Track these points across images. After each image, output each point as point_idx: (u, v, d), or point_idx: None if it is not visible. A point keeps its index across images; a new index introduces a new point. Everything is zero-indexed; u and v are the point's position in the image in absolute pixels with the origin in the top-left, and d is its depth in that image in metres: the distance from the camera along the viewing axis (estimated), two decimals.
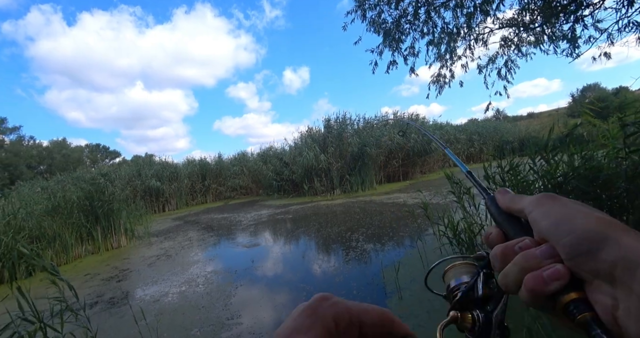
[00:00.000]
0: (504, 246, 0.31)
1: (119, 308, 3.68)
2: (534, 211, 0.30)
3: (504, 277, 0.29)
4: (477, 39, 5.04)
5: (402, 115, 15.39)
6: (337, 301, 0.27)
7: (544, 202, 0.30)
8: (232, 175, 15.79)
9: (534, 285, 0.26)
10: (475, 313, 0.35)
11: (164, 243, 6.90)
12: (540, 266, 0.27)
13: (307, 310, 0.26)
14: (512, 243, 0.30)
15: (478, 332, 0.34)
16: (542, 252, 0.27)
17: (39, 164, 31.54)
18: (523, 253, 0.28)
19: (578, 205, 0.28)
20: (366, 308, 0.27)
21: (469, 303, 0.35)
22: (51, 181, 13.74)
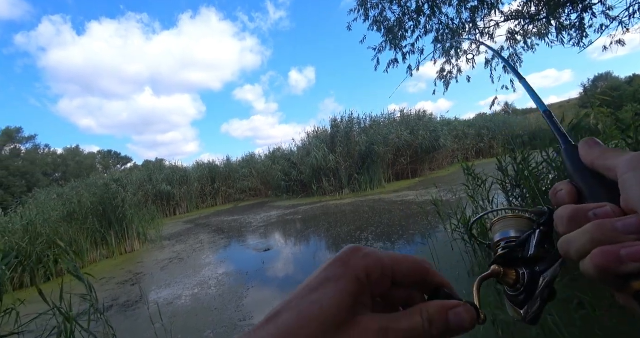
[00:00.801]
0: (575, 208, 0.26)
1: (133, 311, 3.75)
2: (629, 173, 0.24)
3: (567, 243, 0.25)
4: (482, 32, 4.97)
5: (410, 112, 15.29)
6: (369, 252, 0.25)
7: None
8: (241, 177, 15.92)
9: (605, 262, 0.22)
10: (521, 271, 0.31)
11: (176, 247, 7.00)
12: (617, 241, 0.22)
13: (338, 261, 0.25)
14: (586, 207, 0.25)
15: (521, 290, 0.31)
16: (625, 225, 0.22)
17: (54, 171, 32.33)
18: (599, 222, 0.23)
19: None
20: (399, 258, 0.26)
21: (516, 261, 0.32)
22: (66, 188, 14.06)
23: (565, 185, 0.30)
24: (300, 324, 0.21)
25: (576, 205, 0.26)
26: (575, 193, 0.29)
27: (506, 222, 0.36)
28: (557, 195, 0.30)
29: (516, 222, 0.36)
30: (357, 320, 0.22)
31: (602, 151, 0.29)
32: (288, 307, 0.23)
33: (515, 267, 0.31)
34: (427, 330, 0.23)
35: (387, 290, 0.26)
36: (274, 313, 0.22)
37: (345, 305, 0.22)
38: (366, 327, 0.22)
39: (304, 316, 0.21)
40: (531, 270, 0.31)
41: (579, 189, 0.29)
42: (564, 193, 0.29)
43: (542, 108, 0.45)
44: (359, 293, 0.23)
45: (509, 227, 0.35)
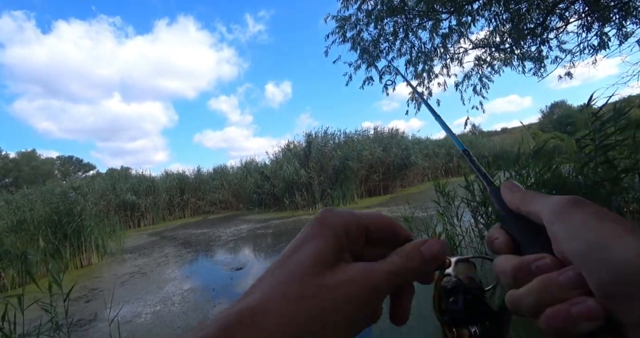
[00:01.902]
0: (516, 263, 0.25)
1: (86, 331, 3.46)
2: (555, 224, 0.24)
3: (516, 301, 0.24)
4: (452, 58, 5.29)
5: (383, 130, 15.73)
6: (343, 211, 0.27)
7: (569, 211, 0.24)
8: (212, 189, 15.48)
9: (559, 324, 0.21)
10: (472, 329, 0.29)
11: (139, 260, 6.60)
12: (564, 297, 0.22)
13: (315, 222, 0.26)
14: (527, 261, 0.24)
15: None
16: (567, 280, 0.22)
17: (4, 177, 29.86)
18: (543, 280, 0.23)
19: (612, 220, 0.22)
20: (371, 215, 0.28)
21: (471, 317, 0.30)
22: (17, 195, 12.99)
23: (500, 234, 0.29)
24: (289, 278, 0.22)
25: (515, 257, 0.26)
26: (511, 242, 0.28)
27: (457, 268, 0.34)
28: (494, 244, 0.29)
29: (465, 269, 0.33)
30: (341, 267, 0.24)
31: (523, 195, 0.29)
32: (271, 269, 0.24)
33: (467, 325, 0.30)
34: (406, 265, 0.26)
35: (362, 248, 0.27)
36: (265, 272, 0.24)
37: (327, 258, 0.23)
38: (350, 271, 0.24)
39: (291, 271, 0.23)
40: (482, 328, 0.29)
41: (512, 236, 0.28)
42: (500, 243, 0.29)
43: (461, 147, 0.44)
44: (339, 249, 0.24)
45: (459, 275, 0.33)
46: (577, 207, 0.24)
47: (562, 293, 0.22)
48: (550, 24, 4.28)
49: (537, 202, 0.27)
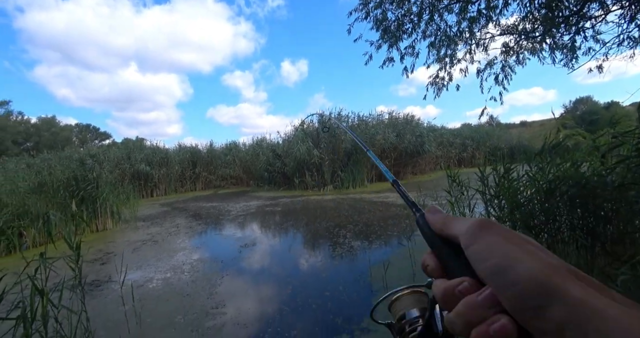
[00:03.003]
0: (444, 287, 0.27)
1: (101, 291, 3.65)
2: (471, 246, 0.26)
3: (449, 324, 0.26)
4: (478, 43, 5.06)
5: (398, 115, 15.45)
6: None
7: (480, 234, 0.26)
8: (223, 164, 15.67)
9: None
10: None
11: (151, 229, 6.83)
12: (484, 317, 0.23)
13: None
14: (452, 285, 0.26)
15: None
16: (484, 300, 0.24)
17: (25, 141, 30.78)
18: (464, 303, 0.25)
19: (518, 241, 0.25)
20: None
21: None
22: (37, 158, 13.44)
23: (431, 260, 0.30)
24: None
25: (444, 281, 0.27)
26: (440, 266, 0.29)
27: (405, 300, 0.36)
28: (428, 270, 0.30)
29: (415, 298, 0.36)
30: None
31: (444, 219, 0.30)
32: None
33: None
34: None
35: None
36: None
37: None
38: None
39: None
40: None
41: (440, 260, 0.29)
42: (432, 268, 0.30)
43: (390, 178, 0.48)
44: None
45: (410, 306, 0.35)
46: (485, 230, 0.26)
47: (482, 314, 0.23)
48: (589, 12, 4.03)
49: (454, 225, 0.29)
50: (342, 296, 3.09)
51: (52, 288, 2.17)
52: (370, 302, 2.94)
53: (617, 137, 2.54)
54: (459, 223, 0.28)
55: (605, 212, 2.44)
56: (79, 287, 2.31)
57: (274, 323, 2.68)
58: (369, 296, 3.07)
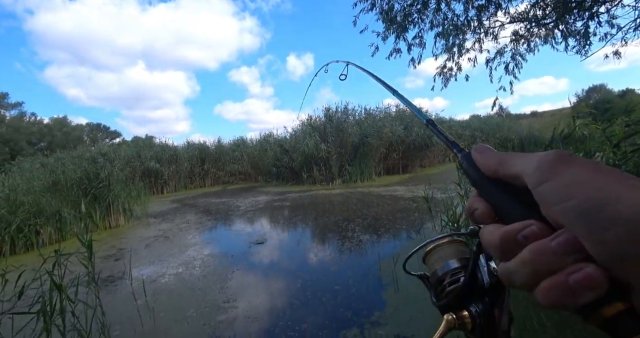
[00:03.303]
0: (502, 233, 0.23)
1: (115, 286, 3.73)
2: (544, 183, 0.21)
3: (508, 274, 0.22)
4: (487, 32, 4.94)
5: (405, 108, 15.25)
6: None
7: (558, 168, 0.21)
8: (232, 160, 15.78)
9: (558, 298, 0.19)
10: (473, 309, 0.28)
11: (162, 225, 6.94)
12: (560, 266, 0.20)
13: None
14: (512, 230, 0.22)
15: (479, 332, 0.28)
16: (560, 246, 0.20)
17: (39, 141, 31.43)
18: (533, 250, 0.21)
19: (610, 173, 0.20)
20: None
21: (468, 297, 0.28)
22: (51, 158, 13.74)
23: (479, 203, 0.26)
24: None
25: (500, 226, 0.24)
26: (492, 210, 0.26)
27: (443, 250, 0.32)
28: (475, 215, 0.27)
29: (453, 249, 0.32)
30: None
31: (499, 159, 0.26)
32: None
33: (466, 307, 0.28)
34: None
35: None
36: None
37: None
38: None
39: None
40: (483, 305, 0.28)
41: (493, 203, 0.26)
42: (482, 213, 0.26)
43: (424, 118, 0.45)
44: None
45: (448, 257, 0.32)
46: (565, 163, 0.21)
47: (557, 262, 0.20)
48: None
49: (516, 162, 0.24)
50: (352, 290, 3.10)
51: (68, 283, 2.22)
52: (380, 296, 2.94)
53: (631, 126, 2.46)
54: (521, 160, 0.24)
55: None
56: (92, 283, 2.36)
57: (284, 316, 2.71)
58: (379, 290, 3.07)
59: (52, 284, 2.07)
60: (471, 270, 0.29)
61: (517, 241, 0.22)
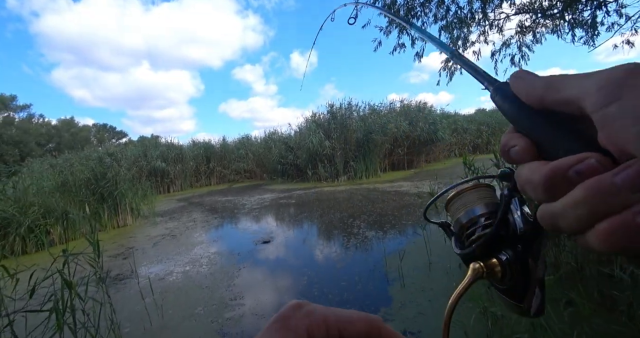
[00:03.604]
0: (548, 169, 0.19)
1: (124, 285, 3.78)
2: (612, 104, 0.17)
3: (553, 217, 0.19)
4: (492, 24, 4.87)
5: (410, 103, 15.16)
6: (312, 310, 0.22)
7: (630, 84, 0.17)
8: (237, 158, 15.84)
9: (621, 241, 0.17)
10: (503, 257, 0.25)
11: (169, 224, 7.01)
12: (624, 205, 0.16)
13: (276, 322, 0.21)
14: (563, 165, 0.19)
15: (512, 281, 0.25)
16: (626, 181, 0.16)
17: (47, 142, 31.87)
18: (590, 186, 0.17)
19: None
20: (348, 317, 0.22)
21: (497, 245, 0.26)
22: (59, 159, 13.92)
23: (518, 139, 0.22)
24: None
25: (544, 163, 0.20)
26: (534, 146, 0.22)
27: (467, 196, 0.29)
28: (511, 153, 0.23)
29: (480, 194, 0.29)
30: None
31: (548, 81, 0.21)
32: None
33: (495, 254, 0.26)
34: None
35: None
36: None
37: None
38: None
39: None
40: (514, 253, 0.25)
41: (534, 139, 0.22)
42: (521, 149, 0.22)
43: (448, 50, 0.39)
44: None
45: (473, 202, 0.29)
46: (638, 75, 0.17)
47: (620, 201, 0.16)
48: None
49: (571, 83, 0.20)
50: (358, 286, 3.10)
51: (79, 282, 2.26)
52: (386, 292, 2.94)
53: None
54: (577, 81, 0.20)
55: None
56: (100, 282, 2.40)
57: None
58: (385, 286, 3.06)
59: (62, 283, 2.10)
60: (502, 215, 0.26)
61: (568, 178, 0.18)
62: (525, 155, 0.22)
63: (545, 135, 0.21)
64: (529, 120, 0.22)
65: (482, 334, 1.76)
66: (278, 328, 0.21)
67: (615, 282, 1.79)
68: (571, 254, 2.49)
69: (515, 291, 0.26)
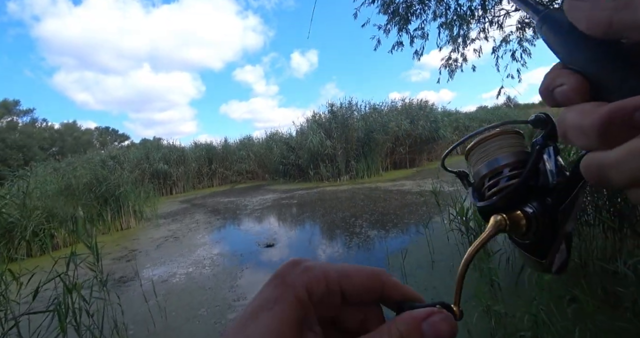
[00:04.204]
0: (606, 111, 0.16)
1: (128, 287, 3.79)
2: None
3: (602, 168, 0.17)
4: (492, 21, 4.85)
5: (411, 101, 15.14)
6: (311, 265, 0.21)
7: None
8: (239, 159, 15.87)
9: None
10: (529, 210, 0.23)
11: (172, 225, 7.03)
12: None
13: (273, 280, 0.21)
14: (627, 106, 0.15)
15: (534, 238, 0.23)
16: None
17: (51, 146, 32.05)
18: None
19: None
20: (349, 271, 0.21)
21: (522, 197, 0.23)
22: (63, 163, 14.00)
23: (567, 76, 0.19)
24: None
25: (598, 104, 0.17)
26: (586, 85, 0.18)
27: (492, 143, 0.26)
28: (556, 94, 0.19)
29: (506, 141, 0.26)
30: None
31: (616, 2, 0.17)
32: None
33: (520, 207, 0.23)
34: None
35: (337, 310, 0.21)
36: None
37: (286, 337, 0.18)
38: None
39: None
40: (542, 207, 0.23)
41: (588, 76, 0.18)
42: (571, 88, 0.18)
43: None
44: (301, 318, 0.19)
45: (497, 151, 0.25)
46: None
47: None
48: None
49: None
50: None
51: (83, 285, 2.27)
52: None
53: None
54: None
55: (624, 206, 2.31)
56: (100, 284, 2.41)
57: None
58: None
59: (64, 286, 2.12)
60: (532, 164, 0.23)
61: (632, 121, 0.15)
62: (574, 96, 0.19)
63: (605, 71, 0.18)
64: (586, 51, 0.18)
65: (486, 332, 1.75)
66: (277, 285, 0.20)
67: (619, 278, 1.78)
68: (575, 251, 2.48)
69: (539, 246, 0.24)
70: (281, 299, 0.19)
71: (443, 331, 0.19)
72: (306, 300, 0.19)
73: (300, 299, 0.19)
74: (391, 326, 0.19)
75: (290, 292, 0.19)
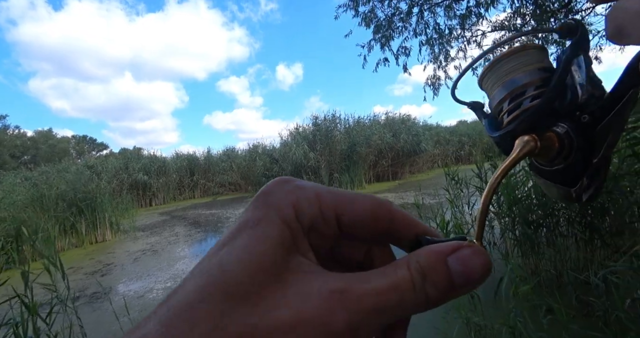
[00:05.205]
0: None
1: (101, 303, 3.61)
2: None
3: None
4: (469, 41, 5.09)
5: (394, 115, 15.49)
6: (301, 185, 0.17)
7: None
8: (221, 171, 15.65)
9: None
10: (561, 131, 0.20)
11: (150, 238, 6.80)
12: None
13: (256, 200, 0.17)
14: None
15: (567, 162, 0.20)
16: None
17: (23, 154, 30.71)
18: None
19: None
20: (347, 196, 0.17)
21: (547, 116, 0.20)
22: (35, 172, 13.40)
23: None
24: (201, 297, 0.13)
25: None
26: None
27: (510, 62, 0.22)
28: None
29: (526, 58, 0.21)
30: (291, 281, 0.14)
31: None
32: (192, 274, 0.15)
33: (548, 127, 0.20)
34: (420, 287, 0.14)
35: (334, 241, 0.18)
36: (177, 286, 0.15)
37: (269, 259, 0.14)
38: (308, 290, 0.14)
39: (205, 284, 0.14)
40: (575, 125, 0.20)
41: None
42: None
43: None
44: (288, 240, 0.15)
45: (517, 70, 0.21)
46: None
47: None
48: (576, 6, 4.06)
49: None
50: None
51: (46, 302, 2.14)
52: None
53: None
54: None
55: (602, 204, 2.43)
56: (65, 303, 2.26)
57: None
58: None
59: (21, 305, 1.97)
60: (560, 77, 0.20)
61: None
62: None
63: None
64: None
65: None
66: (258, 206, 0.16)
67: (591, 288, 1.84)
68: (550, 262, 2.56)
69: (569, 173, 0.21)
70: (264, 220, 0.15)
71: (476, 268, 0.14)
72: (294, 222, 0.16)
73: (285, 220, 0.15)
74: (410, 259, 0.15)
75: (274, 213, 0.16)
